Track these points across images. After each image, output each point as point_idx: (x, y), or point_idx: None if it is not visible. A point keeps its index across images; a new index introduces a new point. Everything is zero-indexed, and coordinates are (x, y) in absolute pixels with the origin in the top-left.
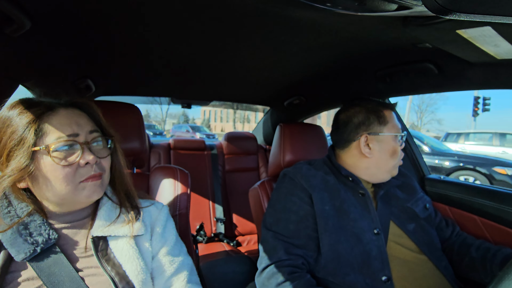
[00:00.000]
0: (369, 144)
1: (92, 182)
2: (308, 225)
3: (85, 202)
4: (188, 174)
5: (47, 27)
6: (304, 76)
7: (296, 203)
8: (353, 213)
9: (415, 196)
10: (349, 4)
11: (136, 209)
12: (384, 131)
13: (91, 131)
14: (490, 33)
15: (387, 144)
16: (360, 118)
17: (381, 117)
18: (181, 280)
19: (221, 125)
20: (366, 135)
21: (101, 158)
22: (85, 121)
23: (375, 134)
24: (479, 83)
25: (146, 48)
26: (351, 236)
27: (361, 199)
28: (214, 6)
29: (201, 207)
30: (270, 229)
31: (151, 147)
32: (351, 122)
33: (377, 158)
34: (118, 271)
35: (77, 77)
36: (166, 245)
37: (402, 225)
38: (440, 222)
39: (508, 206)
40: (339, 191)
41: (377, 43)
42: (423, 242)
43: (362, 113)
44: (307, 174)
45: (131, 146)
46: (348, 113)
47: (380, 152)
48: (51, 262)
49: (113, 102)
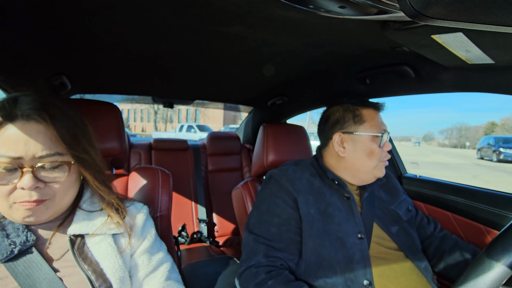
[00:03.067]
0: (344, 143)
1: (28, 207)
2: (291, 229)
3: (22, 222)
4: (170, 174)
5: (17, 18)
6: (287, 77)
7: (280, 206)
8: (338, 217)
9: (398, 198)
10: (331, 7)
11: (115, 207)
12: (359, 130)
13: (42, 156)
14: (462, 39)
15: (362, 144)
16: (336, 116)
17: (357, 116)
18: (159, 277)
19: (141, 125)
20: (340, 133)
21: (51, 183)
22: (41, 140)
23: (349, 133)
24: (452, 86)
25: (126, 45)
26: (335, 240)
27: (346, 203)
28: (197, 5)
29: (183, 208)
30: (252, 232)
31: (131, 147)
32: (329, 120)
33: (352, 158)
34: (95, 269)
35: (51, 73)
36: (145, 243)
37: (386, 228)
38: (421, 221)
39: (478, 202)
40: (324, 194)
41: (357, 45)
42: (406, 245)
43: (339, 112)
44: (293, 177)
45: (110, 146)
46: (327, 111)
47: (355, 152)
48: (28, 264)
49: (90, 100)
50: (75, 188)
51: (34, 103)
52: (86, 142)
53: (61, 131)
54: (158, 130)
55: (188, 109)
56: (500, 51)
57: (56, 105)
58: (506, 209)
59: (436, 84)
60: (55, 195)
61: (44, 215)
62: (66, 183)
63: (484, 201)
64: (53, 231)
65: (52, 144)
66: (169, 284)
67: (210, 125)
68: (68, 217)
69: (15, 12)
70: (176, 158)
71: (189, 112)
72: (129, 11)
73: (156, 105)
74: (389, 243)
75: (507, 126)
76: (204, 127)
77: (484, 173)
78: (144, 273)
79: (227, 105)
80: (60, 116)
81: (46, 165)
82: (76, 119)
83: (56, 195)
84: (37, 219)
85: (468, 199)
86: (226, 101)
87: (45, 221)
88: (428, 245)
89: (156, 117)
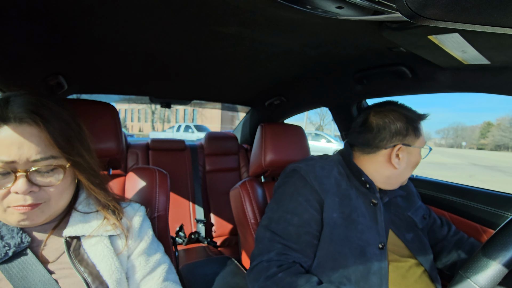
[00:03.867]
0: (399, 154)
1: (22, 211)
2: (310, 231)
3: (18, 225)
4: (167, 174)
5: (13, 18)
6: (284, 77)
7: (302, 205)
8: (362, 224)
9: (415, 205)
10: (328, 7)
11: (111, 208)
12: (416, 143)
13: (36, 160)
14: (458, 40)
15: (414, 156)
16: (398, 126)
17: (417, 129)
18: (156, 278)
19: (139, 125)
20: (400, 145)
21: (46, 187)
22: (35, 144)
23: (408, 145)
24: (448, 87)
25: (123, 45)
26: (355, 248)
27: (372, 209)
28: (194, 5)
29: (181, 208)
30: (268, 228)
31: (128, 147)
32: (387, 129)
33: (403, 169)
34: (91, 271)
35: (48, 73)
36: (142, 244)
37: (401, 235)
38: (433, 223)
39: (475, 202)
40: (350, 197)
41: (355, 46)
42: (419, 252)
43: (402, 122)
44: (321, 175)
45: (107, 146)
46: (385, 118)
47: (407, 163)
48: (23, 266)
49: (87, 100)
50: (71, 190)
51: (27, 105)
52: (81, 145)
53: (55, 134)
54: (156, 130)
55: (185, 109)
56: (495, 51)
57: (49, 106)
58: (502, 208)
59: (432, 84)
60: (50, 199)
61: (39, 218)
62: (61, 186)
63: (480, 201)
64: (48, 233)
65: (46, 148)
66: (166, 285)
67: (207, 125)
68: (64, 218)
69: (11, 12)
70: (173, 158)
71: (186, 112)
72: (126, 11)
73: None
74: (403, 250)
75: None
76: (201, 127)
77: (480, 173)
78: (142, 275)
79: (224, 105)
80: (53, 119)
81: (41, 169)
82: (70, 121)
83: (51, 199)
84: (32, 222)
85: (465, 198)
86: (223, 101)
87: (41, 224)
88: (441, 248)
89: (153, 117)
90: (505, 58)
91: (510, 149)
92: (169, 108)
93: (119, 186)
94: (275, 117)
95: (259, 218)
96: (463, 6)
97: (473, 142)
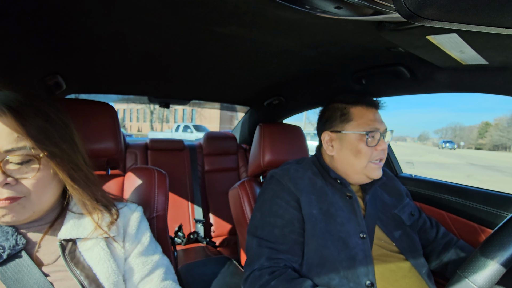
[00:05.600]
0: (332, 142)
1: (1, 205)
2: (294, 230)
3: (1, 223)
4: (166, 175)
5: (11, 17)
6: (283, 77)
7: (282, 207)
8: (340, 216)
9: (402, 202)
10: (327, 8)
11: (107, 210)
12: (346, 129)
13: (8, 150)
14: (456, 40)
15: (348, 143)
16: (326, 115)
17: (344, 114)
18: (155, 280)
19: (137, 125)
20: (328, 132)
21: (22, 179)
22: (6, 134)
23: (336, 132)
24: (446, 87)
25: (122, 44)
26: (337, 240)
27: (348, 202)
28: (193, 5)
29: (180, 208)
30: (255, 235)
31: (127, 147)
32: (322, 119)
33: (341, 157)
34: (87, 273)
35: (46, 73)
36: (139, 246)
37: (389, 232)
38: (424, 224)
39: (473, 202)
40: (326, 194)
41: (353, 46)
42: (408, 249)
43: (330, 110)
44: (295, 176)
45: (105, 146)
46: (322, 110)
47: (342, 151)
48: (18, 268)
49: (85, 100)
50: (54, 186)
51: (4, 98)
52: (60, 138)
53: (27, 124)
54: (154, 130)
55: (184, 109)
56: (493, 52)
57: (28, 102)
58: (499, 208)
59: (431, 84)
60: (30, 193)
61: (21, 215)
62: (41, 179)
63: (478, 200)
64: (42, 233)
65: (19, 138)
66: (165, 285)
67: (206, 125)
68: (58, 220)
69: (8, 11)
70: (172, 158)
71: (185, 112)
72: (124, 10)
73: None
74: (391, 246)
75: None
76: (200, 127)
77: (478, 173)
78: (139, 277)
79: (223, 105)
80: (30, 111)
81: (13, 159)
82: (53, 117)
83: (31, 193)
84: (14, 218)
85: (463, 198)
86: (222, 101)
87: (27, 220)
88: (431, 250)
89: (152, 117)
90: (503, 59)
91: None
92: (168, 108)
93: (118, 186)
94: (274, 117)
95: None
96: (461, 7)
97: (471, 142)
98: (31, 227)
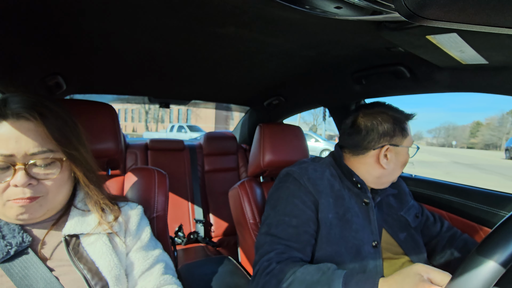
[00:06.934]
0: (387, 154)
1: (21, 204)
2: (308, 231)
3: (16, 220)
4: (166, 175)
5: (11, 18)
6: (283, 77)
7: (298, 207)
8: (356, 223)
9: (407, 204)
10: (326, 7)
11: (110, 207)
12: (404, 143)
13: (34, 153)
14: (456, 40)
15: (402, 156)
16: (386, 127)
17: (404, 129)
18: (155, 273)
19: (132, 125)
20: (388, 146)
21: (44, 180)
22: (32, 137)
23: (395, 145)
24: (446, 86)
25: (122, 45)
26: (351, 247)
27: (364, 208)
28: (192, 5)
29: (180, 208)
30: (268, 233)
31: (127, 148)
32: (375, 130)
33: (392, 169)
34: (90, 267)
35: (46, 73)
36: (140, 242)
37: (395, 234)
38: (426, 220)
39: (472, 201)
40: (343, 198)
41: (353, 46)
42: (412, 251)
43: (389, 123)
44: (314, 177)
45: (105, 147)
46: (373, 119)
47: (396, 163)
48: (24, 265)
49: (86, 101)
50: (68, 186)
51: (24, 102)
52: (76, 140)
53: (51, 128)
54: (149, 130)
55: (179, 109)
56: (493, 51)
57: (45, 104)
58: (498, 207)
59: (431, 84)
60: (48, 192)
61: (37, 212)
62: (59, 180)
63: (477, 200)
64: (47, 230)
65: (43, 141)
66: (165, 278)
67: (201, 125)
68: (63, 216)
69: (9, 12)
70: (172, 158)
71: (180, 112)
72: (124, 11)
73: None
74: (396, 248)
75: (492, 125)
76: (194, 127)
77: (458, 170)
78: (140, 271)
79: (219, 105)
80: (49, 115)
81: (38, 162)
82: (66, 118)
83: (49, 192)
84: (31, 216)
85: (463, 198)
86: (222, 101)
87: (40, 219)
88: (435, 245)
89: (147, 117)
90: (503, 58)
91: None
92: (168, 108)
93: (118, 186)
94: (273, 117)
95: (257, 218)
96: (461, 6)
97: (463, 141)
98: (37, 224)
